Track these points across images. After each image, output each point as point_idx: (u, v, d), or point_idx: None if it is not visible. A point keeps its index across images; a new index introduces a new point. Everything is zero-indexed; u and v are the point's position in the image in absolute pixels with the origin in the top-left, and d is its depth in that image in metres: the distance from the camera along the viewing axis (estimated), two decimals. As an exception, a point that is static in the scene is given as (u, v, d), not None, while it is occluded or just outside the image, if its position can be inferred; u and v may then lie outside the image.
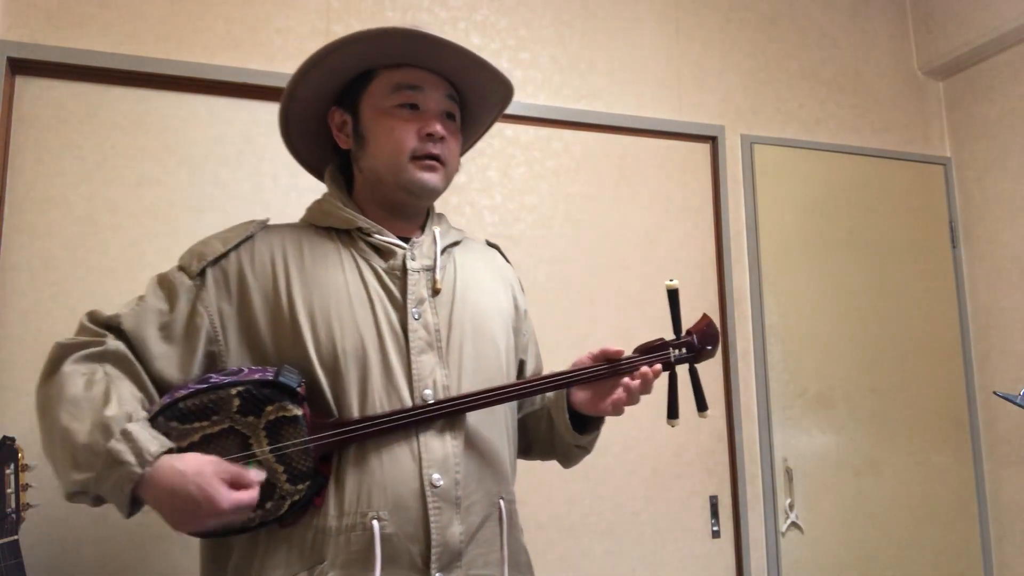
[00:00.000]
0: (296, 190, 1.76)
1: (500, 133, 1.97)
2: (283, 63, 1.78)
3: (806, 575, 2.07)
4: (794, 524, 2.08)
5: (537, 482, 1.86)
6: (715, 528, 2.02)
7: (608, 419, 1.17)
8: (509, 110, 1.94)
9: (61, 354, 0.93)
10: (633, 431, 1.97)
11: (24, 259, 1.56)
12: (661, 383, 1.07)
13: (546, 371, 1.23)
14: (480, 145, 1.95)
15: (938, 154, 2.48)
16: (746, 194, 2.20)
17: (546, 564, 1.84)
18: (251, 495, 0.86)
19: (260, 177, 1.75)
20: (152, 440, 0.85)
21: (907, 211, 2.38)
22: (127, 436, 0.84)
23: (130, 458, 0.83)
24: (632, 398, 1.03)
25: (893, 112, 2.45)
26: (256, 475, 0.89)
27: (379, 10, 1.90)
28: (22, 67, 1.60)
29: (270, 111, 1.77)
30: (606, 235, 2.04)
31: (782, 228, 2.22)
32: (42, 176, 1.59)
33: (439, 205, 1.89)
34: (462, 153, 1.23)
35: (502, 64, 2.01)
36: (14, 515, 1.28)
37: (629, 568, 1.92)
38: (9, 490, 1.28)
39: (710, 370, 2.09)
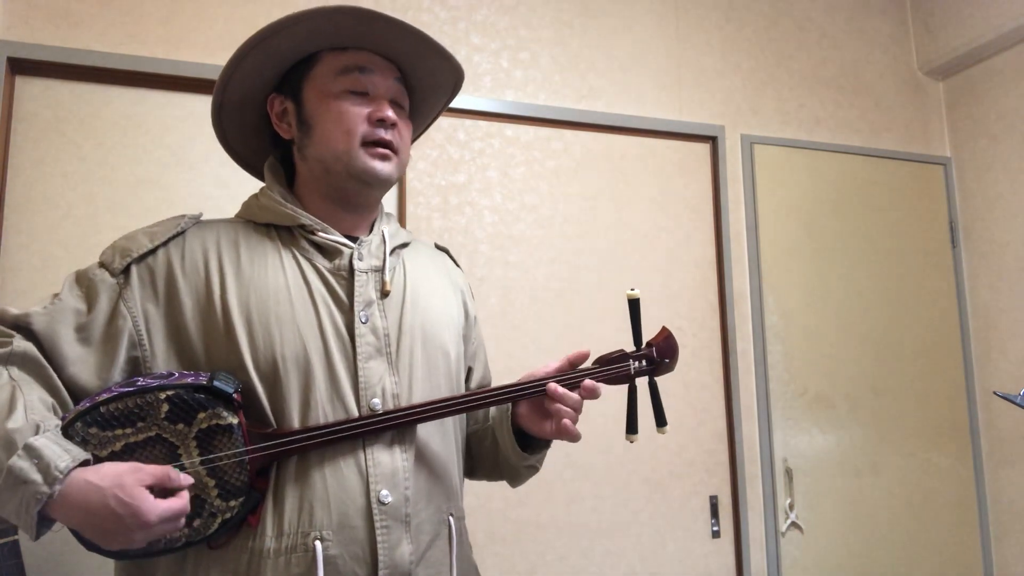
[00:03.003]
0: (296, 190, 1.76)
1: (500, 133, 1.98)
2: (283, 63, 1.78)
3: (806, 575, 2.07)
4: (794, 524, 2.08)
5: (537, 482, 1.86)
6: (715, 528, 2.02)
7: (608, 420, 1.14)
8: (509, 110, 1.97)
9: None
10: (633, 431, 1.97)
11: (24, 259, 1.56)
12: (621, 396, 1.04)
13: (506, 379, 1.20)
14: (480, 145, 1.95)
15: (938, 154, 2.48)
16: (746, 194, 2.20)
17: (546, 564, 1.84)
18: (181, 502, 0.78)
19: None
20: (62, 454, 0.75)
21: (907, 211, 2.38)
22: (31, 451, 0.74)
23: (35, 476, 0.73)
24: (571, 416, 0.96)
25: (893, 112, 2.45)
26: (184, 477, 0.80)
27: (378, 10, 1.90)
28: (22, 67, 1.60)
29: (270, 111, 1.77)
30: (606, 235, 2.04)
31: (782, 228, 2.22)
32: (42, 176, 1.59)
33: (439, 205, 1.90)
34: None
35: (502, 64, 2.01)
36: (14, 515, 1.28)
37: (629, 568, 1.92)
38: (9, 490, 1.28)
39: (711, 369, 2.09)
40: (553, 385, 0.96)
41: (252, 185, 1.78)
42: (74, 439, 0.79)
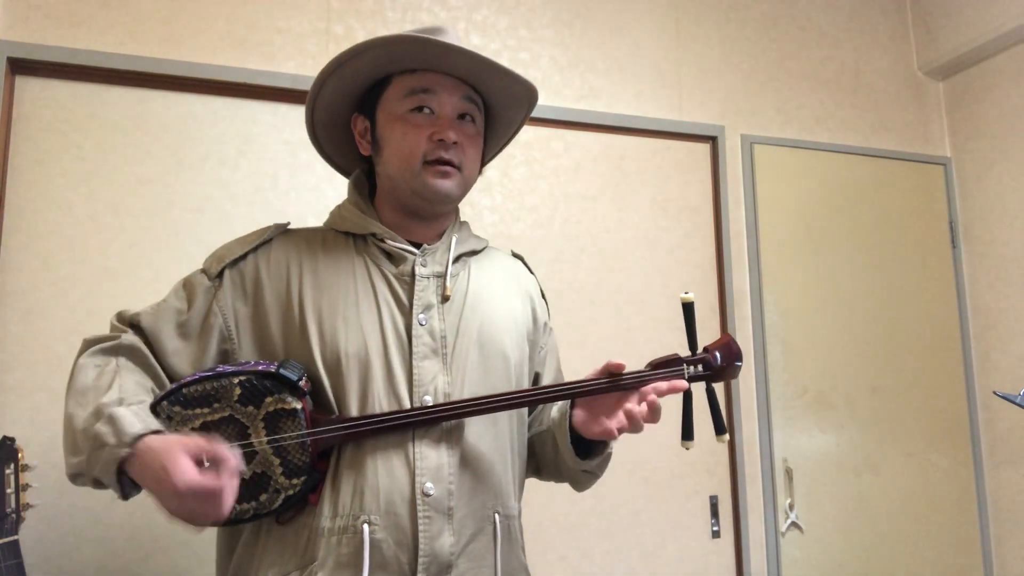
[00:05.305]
0: (296, 190, 1.76)
1: (500, 133, 1.98)
2: (283, 63, 1.78)
3: (806, 575, 2.07)
4: (794, 524, 2.08)
5: (537, 482, 1.86)
6: (715, 528, 2.02)
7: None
8: (509, 110, 1.97)
9: (82, 348, 0.99)
10: (633, 431, 1.97)
11: (24, 259, 1.56)
12: (675, 401, 1.02)
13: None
14: (480, 145, 1.95)
15: (938, 154, 2.48)
16: (746, 194, 2.20)
17: (546, 564, 1.84)
18: (209, 479, 0.79)
19: (260, 177, 1.75)
20: (135, 422, 0.85)
21: (907, 211, 2.38)
22: (111, 419, 0.85)
23: (111, 439, 0.84)
24: (635, 425, 0.96)
25: (893, 112, 2.45)
26: (235, 458, 0.82)
27: (379, 10, 1.90)
28: (22, 67, 1.60)
29: (270, 111, 1.77)
30: (606, 235, 2.04)
31: (782, 228, 2.22)
32: (42, 176, 1.60)
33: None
34: (493, 156, 1.22)
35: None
36: (14, 515, 1.29)
37: (629, 568, 1.92)
38: (9, 490, 1.29)
39: (710, 370, 2.09)
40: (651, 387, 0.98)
41: (250, 185, 1.78)
42: (160, 416, 0.91)
